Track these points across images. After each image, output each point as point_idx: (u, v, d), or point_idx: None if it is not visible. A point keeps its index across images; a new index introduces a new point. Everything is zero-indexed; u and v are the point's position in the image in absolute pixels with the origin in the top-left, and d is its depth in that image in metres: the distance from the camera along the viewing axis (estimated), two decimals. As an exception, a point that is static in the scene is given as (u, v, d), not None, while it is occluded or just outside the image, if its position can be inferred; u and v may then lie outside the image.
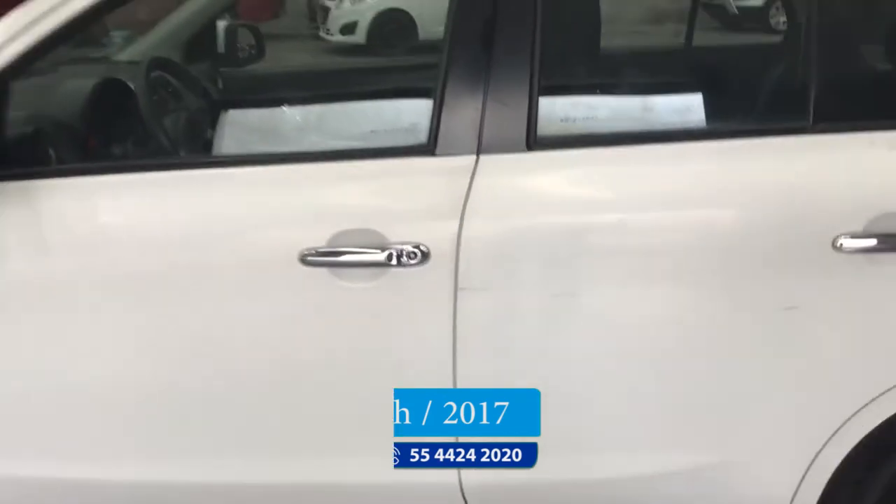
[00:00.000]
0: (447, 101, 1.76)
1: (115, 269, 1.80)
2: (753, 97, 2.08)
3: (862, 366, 1.75)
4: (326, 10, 11.63)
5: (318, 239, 1.73)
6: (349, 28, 11.40)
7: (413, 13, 11.52)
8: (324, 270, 1.74)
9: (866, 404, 1.75)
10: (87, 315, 1.82)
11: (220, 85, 2.77)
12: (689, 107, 2.01)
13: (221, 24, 2.95)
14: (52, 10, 1.79)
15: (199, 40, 2.81)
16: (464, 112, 1.75)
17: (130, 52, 2.69)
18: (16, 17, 1.83)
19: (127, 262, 1.80)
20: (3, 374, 1.85)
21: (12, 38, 1.79)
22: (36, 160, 1.87)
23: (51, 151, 1.92)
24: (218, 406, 1.85)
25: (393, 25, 11.50)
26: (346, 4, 11.64)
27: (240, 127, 2.29)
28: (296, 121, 2.31)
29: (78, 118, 2.08)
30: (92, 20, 1.90)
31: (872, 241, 1.67)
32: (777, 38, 2.21)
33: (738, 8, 9.63)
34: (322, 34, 11.44)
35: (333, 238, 1.73)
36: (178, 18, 2.86)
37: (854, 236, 1.67)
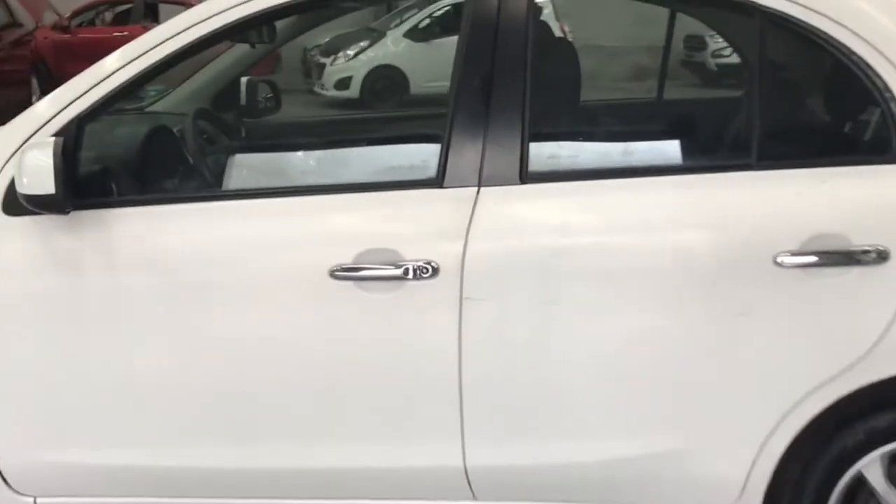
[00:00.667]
0: (453, 143, 2.11)
1: (172, 283, 2.13)
2: (710, 140, 2.45)
3: (803, 361, 2.07)
4: (322, 66, 12.12)
5: (345, 257, 2.07)
6: (344, 83, 11.88)
7: (405, 69, 12.03)
8: (350, 283, 2.08)
9: (808, 394, 2.08)
10: (150, 321, 2.14)
11: (243, 133, 3.12)
12: (656, 148, 2.38)
13: (243, 80, 3.30)
14: (121, 67, 2.16)
15: (225, 94, 3.14)
16: (467, 152, 2.10)
17: (164, 103, 3.02)
18: (91, 71, 2.20)
19: (181, 276, 2.13)
20: (76, 374, 2.16)
21: (88, 90, 2.15)
22: (103, 193, 2.21)
23: (113, 185, 2.26)
24: (261, 399, 2.17)
25: (385, 81, 12.00)
26: (341, 61, 12.12)
27: (266, 166, 2.65)
28: (325, 160, 2.67)
29: (134, 158, 2.42)
30: (152, 78, 2.26)
31: (807, 258, 2.02)
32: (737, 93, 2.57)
33: (717, 65, 10.21)
34: (317, 89, 11.92)
35: (358, 256, 2.07)
36: (204, 76, 3.21)
37: (791, 254, 2.02)
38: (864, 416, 2.13)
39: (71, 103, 2.15)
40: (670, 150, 2.36)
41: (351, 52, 12.18)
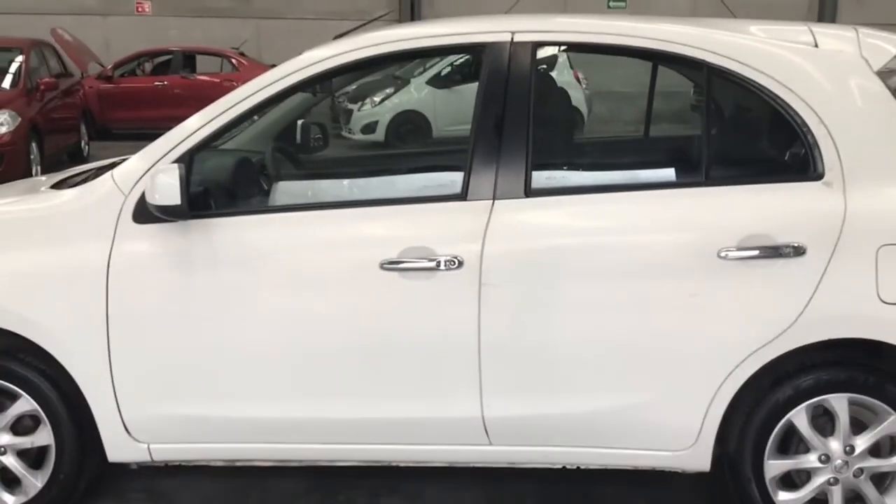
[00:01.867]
0: (474, 167, 2.78)
1: (259, 274, 2.80)
2: (671, 164, 3.11)
3: (741, 332, 2.70)
4: (349, 112, 12.90)
5: (392, 253, 2.73)
6: (370, 127, 12.67)
7: (426, 114, 12.80)
8: (395, 273, 2.74)
9: (746, 358, 2.70)
10: (243, 304, 2.80)
11: (306, 161, 3.81)
12: (630, 171, 3.05)
13: (299, 122, 4.00)
14: (220, 114, 2.85)
15: (287, 133, 3.81)
16: (484, 173, 2.77)
17: (242, 139, 3.67)
18: (197, 116, 2.89)
19: (266, 269, 2.80)
20: (188, 344, 2.82)
21: (196, 130, 2.84)
22: (205, 207, 2.88)
23: (212, 202, 2.94)
24: (328, 364, 2.81)
25: (409, 125, 12.77)
26: (368, 107, 12.91)
27: (328, 185, 3.35)
28: (375, 181, 3.37)
29: (227, 181, 3.10)
30: (240, 123, 2.95)
31: (743, 253, 2.66)
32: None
33: (684, 109, 10.96)
34: (345, 133, 12.70)
35: (401, 253, 2.73)
36: (270, 118, 3.89)
37: (731, 250, 2.66)
38: (791, 377, 2.76)
39: (184, 140, 2.85)
40: (641, 172, 3.03)
41: (377, 99, 12.96)
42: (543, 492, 3.25)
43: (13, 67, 10.68)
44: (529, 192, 2.76)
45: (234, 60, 15.89)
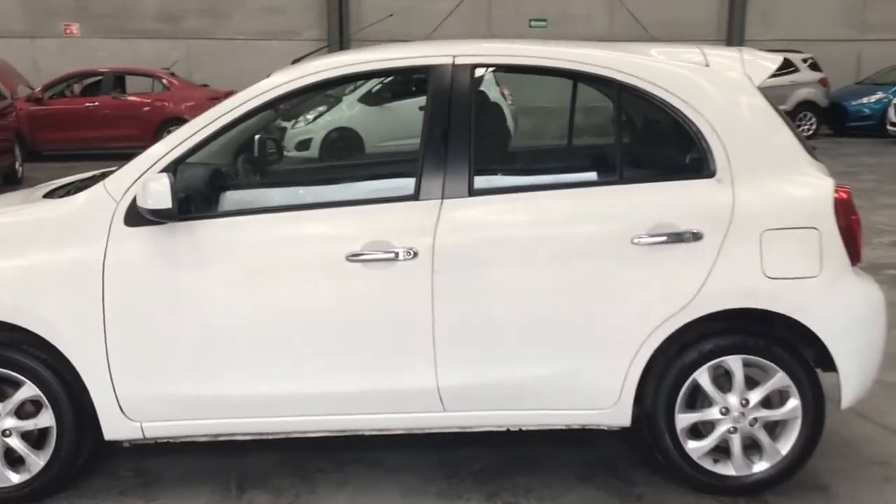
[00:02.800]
0: (424, 171, 3.24)
1: (238, 267, 3.21)
2: (592, 166, 3.64)
3: (652, 305, 3.21)
4: (283, 129, 13.22)
5: (356, 247, 3.17)
6: (304, 145, 13.01)
7: (359, 130, 13.22)
8: (359, 264, 3.18)
9: (656, 327, 3.21)
10: (225, 293, 3.20)
11: (271, 169, 4.24)
12: (556, 173, 3.57)
13: (256, 137, 4.41)
14: (197, 131, 3.25)
15: (249, 146, 4.20)
16: (434, 177, 3.23)
17: (209, 151, 4.04)
18: (177, 133, 3.29)
19: (244, 262, 3.21)
20: (176, 331, 3.20)
21: (178, 145, 3.24)
22: (188, 210, 3.28)
23: (192, 207, 3.33)
24: (299, 342, 3.23)
25: (342, 142, 13.16)
26: (301, 124, 13.26)
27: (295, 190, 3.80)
28: (339, 186, 3.82)
29: (203, 188, 3.50)
30: (214, 139, 3.34)
31: (651, 239, 3.18)
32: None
33: (604, 119, 11.67)
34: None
35: (364, 246, 3.17)
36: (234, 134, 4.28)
37: (642, 236, 3.18)
38: (695, 343, 3.28)
39: (168, 153, 3.24)
40: (566, 175, 3.54)
41: (310, 116, 13.32)
42: (490, 457, 3.72)
43: (-52, 91, 10.79)
44: (472, 191, 3.24)
45: (165, 80, 16.09)
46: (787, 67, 18.44)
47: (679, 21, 20.96)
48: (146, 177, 3.17)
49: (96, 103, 15.59)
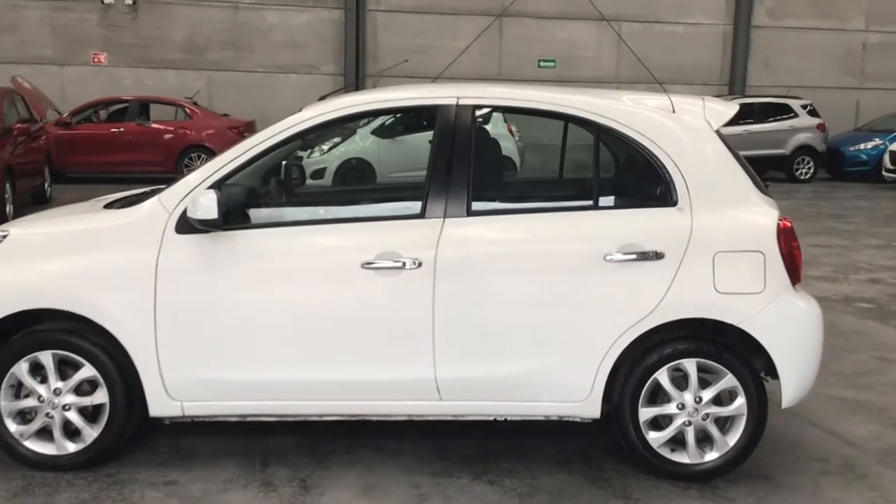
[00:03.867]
0: (430, 195, 3.83)
1: (271, 270, 3.79)
2: (572, 195, 4.23)
3: (620, 314, 3.76)
4: (299, 158, 13.86)
5: (370, 256, 3.75)
6: (319, 174, 13.66)
7: (372, 161, 13.87)
8: (371, 271, 3.75)
9: (623, 332, 3.77)
10: (259, 291, 3.78)
11: (298, 191, 4.85)
12: (543, 199, 4.15)
13: (283, 163, 5.02)
14: (239, 155, 3.86)
15: (278, 170, 4.81)
16: (438, 199, 3.82)
17: (245, 174, 4.64)
18: (223, 156, 3.89)
19: (275, 266, 3.79)
20: (217, 323, 3.78)
21: (222, 167, 3.84)
22: (229, 223, 3.86)
23: (231, 220, 3.92)
24: (317, 337, 3.80)
25: (355, 172, 13.81)
26: (316, 155, 13.92)
27: (316, 208, 4.39)
28: (355, 206, 4.42)
29: (241, 204, 4.08)
30: (258, 159, 3.95)
31: (621, 256, 3.75)
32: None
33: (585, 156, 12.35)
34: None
35: (377, 255, 3.75)
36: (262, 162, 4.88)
37: (613, 254, 3.75)
38: (656, 347, 3.84)
39: (213, 173, 3.84)
40: (551, 200, 4.13)
41: (325, 147, 13.97)
42: (479, 445, 4.26)
43: (-13, 113, 11.46)
44: (470, 212, 3.82)
45: (187, 109, 16.81)
46: (786, 113, 19.17)
47: (684, 66, 21.70)
48: (196, 192, 3.77)
49: (122, 129, 16.31)
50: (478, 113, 4.02)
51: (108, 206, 4.22)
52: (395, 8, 20.60)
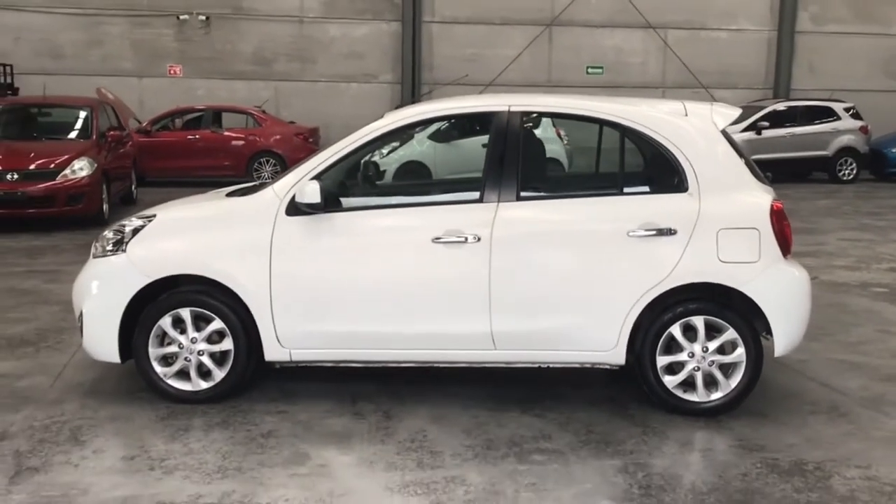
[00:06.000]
0: (486, 184, 4.78)
1: (363, 243, 4.78)
2: (604, 184, 5.16)
3: (641, 278, 4.65)
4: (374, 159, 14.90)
5: (439, 232, 4.71)
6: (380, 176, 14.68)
7: (428, 164, 14.88)
8: (441, 245, 4.72)
9: (644, 294, 4.67)
10: (354, 260, 4.76)
11: (384, 179, 5.87)
12: (580, 186, 5.11)
13: (365, 158, 6.01)
14: (337, 151, 4.87)
15: (363, 165, 5.80)
16: (493, 187, 4.77)
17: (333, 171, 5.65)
18: (324, 153, 4.90)
19: (366, 240, 4.78)
20: (322, 286, 4.77)
21: (324, 161, 4.85)
22: (328, 207, 4.85)
23: (328, 204, 4.91)
24: (400, 298, 4.77)
25: (413, 174, 14.81)
26: (376, 157, 14.91)
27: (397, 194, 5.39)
28: (427, 191, 5.39)
29: (336, 192, 5.08)
30: (348, 157, 4.95)
31: (641, 233, 4.66)
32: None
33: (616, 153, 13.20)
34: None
35: (445, 232, 4.71)
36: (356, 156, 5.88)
37: (635, 231, 4.66)
38: (671, 306, 4.73)
39: (314, 168, 4.84)
40: (585, 188, 5.06)
41: (385, 151, 14.99)
42: (526, 391, 5.19)
43: (84, 122, 12.73)
44: (519, 198, 4.77)
45: (256, 117, 18.04)
46: (829, 116, 19.73)
47: (729, 70, 22.37)
48: (301, 182, 4.78)
49: (196, 136, 17.58)
50: (526, 118, 4.97)
51: (230, 195, 5.26)
52: (450, 19, 21.64)
